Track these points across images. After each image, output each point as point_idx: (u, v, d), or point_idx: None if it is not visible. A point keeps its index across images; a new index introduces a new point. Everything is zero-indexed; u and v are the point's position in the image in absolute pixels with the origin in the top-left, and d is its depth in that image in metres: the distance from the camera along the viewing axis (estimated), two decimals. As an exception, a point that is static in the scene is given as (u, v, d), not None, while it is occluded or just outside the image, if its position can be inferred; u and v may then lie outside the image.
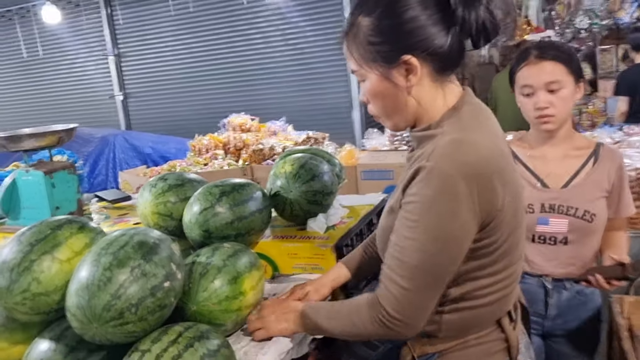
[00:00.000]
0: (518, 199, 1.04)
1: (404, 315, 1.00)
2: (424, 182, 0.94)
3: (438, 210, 0.93)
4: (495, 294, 1.06)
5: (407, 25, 0.98)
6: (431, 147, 0.96)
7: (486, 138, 0.99)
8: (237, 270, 1.19)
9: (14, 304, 1.05)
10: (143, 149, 4.56)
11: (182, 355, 0.96)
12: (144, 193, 1.50)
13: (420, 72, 1.00)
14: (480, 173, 0.93)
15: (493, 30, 0.98)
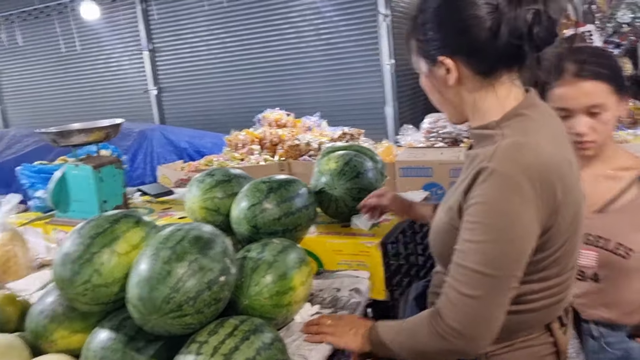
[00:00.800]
0: (578, 207, 1.00)
1: (464, 327, 0.93)
2: (486, 183, 0.92)
3: (500, 211, 0.91)
4: (546, 300, 1.03)
5: (447, 27, 0.99)
6: (492, 148, 0.95)
7: (549, 143, 0.96)
8: (287, 266, 1.21)
9: (75, 294, 1.09)
10: (179, 144, 4.64)
11: (239, 347, 0.98)
12: (191, 188, 1.53)
13: (458, 73, 1.00)
14: (542, 176, 0.91)
15: (549, 32, 0.95)
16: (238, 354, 0.98)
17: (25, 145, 4.81)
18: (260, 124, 3.97)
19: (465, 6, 0.97)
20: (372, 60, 6.08)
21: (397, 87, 6.09)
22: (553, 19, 0.94)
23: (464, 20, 0.97)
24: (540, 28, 0.94)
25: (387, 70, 5.98)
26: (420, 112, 6.46)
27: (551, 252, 0.98)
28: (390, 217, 1.65)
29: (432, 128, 3.70)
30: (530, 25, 0.93)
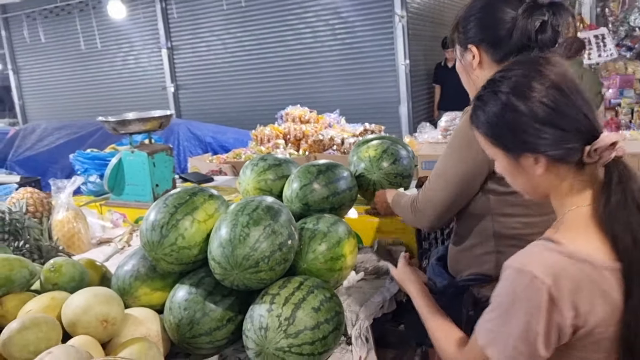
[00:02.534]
0: None
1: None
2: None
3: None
4: None
5: (478, 24, 1.32)
6: None
7: None
8: (339, 236, 1.40)
9: (163, 255, 1.27)
10: (204, 138, 4.84)
11: (306, 298, 1.17)
12: (246, 171, 1.72)
13: (480, 58, 1.31)
14: None
15: (551, 38, 1.24)
16: (306, 304, 1.16)
17: (57, 137, 5.03)
18: (283, 119, 4.15)
19: (495, 11, 1.29)
20: (387, 61, 6.26)
21: (412, 86, 6.26)
22: (556, 29, 1.22)
23: (491, 20, 1.29)
24: (545, 35, 1.23)
25: (402, 70, 6.15)
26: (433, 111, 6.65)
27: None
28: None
29: (449, 126, 3.88)
30: (537, 31, 1.23)
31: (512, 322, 0.89)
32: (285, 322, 1.13)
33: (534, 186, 0.98)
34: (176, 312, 1.25)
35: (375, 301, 1.35)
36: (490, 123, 0.97)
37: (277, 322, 1.13)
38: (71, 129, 5.34)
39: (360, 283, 1.46)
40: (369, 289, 1.41)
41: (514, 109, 0.92)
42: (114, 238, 2.08)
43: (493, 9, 1.30)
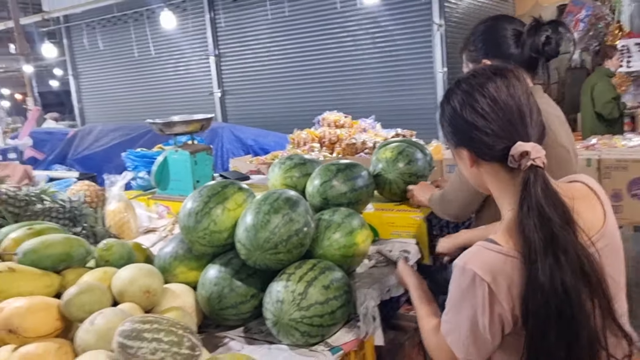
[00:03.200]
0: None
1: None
2: None
3: None
4: None
5: (489, 41, 1.59)
6: None
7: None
8: (352, 227, 1.56)
9: (197, 238, 1.48)
10: (246, 141, 5.11)
11: (318, 277, 1.34)
12: (274, 169, 1.91)
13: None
14: None
15: (554, 50, 1.47)
16: (317, 282, 1.34)
17: (111, 138, 5.42)
18: (319, 124, 4.35)
19: (500, 31, 1.57)
20: (425, 68, 6.37)
21: (449, 94, 6.34)
22: (557, 41, 1.41)
23: (498, 38, 1.55)
24: (549, 47, 1.44)
25: (440, 77, 6.24)
26: (472, 118, 6.67)
27: None
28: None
29: (481, 132, 3.96)
30: (543, 44, 1.44)
31: (462, 314, 1.03)
32: (298, 297, 1.31)
33: (472, 177, 1.16)
34: (207, 287, 1.44)
35: (383, 284, 1.51)
36: (443, 119, 1.16)
37: (291, 297, 1.31)
38: (124, 131, 5.75)
39: (371, 270, 1.62)
40: (379, 274, 1.57)
41: (454, 111, 1.10)
42: (159, 227, 2.31)
43: (502, 28, 1.57)
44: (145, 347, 1.04)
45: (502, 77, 1.07)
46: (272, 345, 1.37)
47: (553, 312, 0.96)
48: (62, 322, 1.31)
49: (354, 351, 1.41)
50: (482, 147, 1.06)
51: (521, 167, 1.02)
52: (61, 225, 1.89)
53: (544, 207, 0.98)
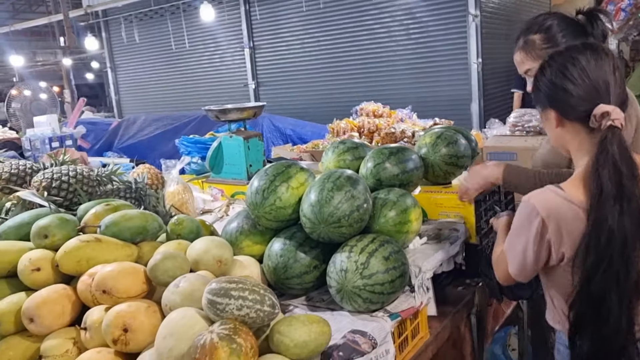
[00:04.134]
0: None
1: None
2: None
3: None
4: None
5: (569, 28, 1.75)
6: None
7: None
8: (407, 205, 1.66)
9: (263, 213, 1.60)
10: (285, 131, 5.26)
11: (378, 249, 1.45)
12: (328, 152, 2.02)
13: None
14: None
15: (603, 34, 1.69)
16: (378, 253, 1.45)
17: (155, 128, 5.63)
18: (357, 114, 4.44)
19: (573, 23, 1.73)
20: (460, 59, 6.39)
21: (484, 85, 6.36)
22: (607, 28, 1.65)
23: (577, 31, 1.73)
24: (605, 33, 1.66)
25: (474, 68, 6.26)
26: (506, 110, 6.68)
27: None
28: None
29: (518, 122, 3.99)
30: (603, 32, 1.70)
31: (519, 238, 1.29)
32: (361, 266, 1.42)
33: (555, 138, 1.34)
34: (274, 259, 1.57)
35: (435, 258, 1.61)
36: (538, 84, 1.35)
37: (354, 266, 1.42)
38: (167, 121, 5.96)
39: (423, 246, 1.72)
40: (431, 250, 1.67)
41: (548, 77, 1.29)
42: (214, 209, 2.46)
43: (573, 21, 1.74)
44: (232, 303, 1.17)
45: (592, 51, 1.24)
46: (334, 311, 1.49)
47: (614, 251, 1.15)
48: (147, 285, 1.45)
49: (410, 320, 1.52)
50: (567, 108, 1.26)
51: (601, 126, 1.19)
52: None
53: (618, 161, 1.16)
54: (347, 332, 1.33)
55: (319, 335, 1.22)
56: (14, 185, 2.07)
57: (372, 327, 1.37)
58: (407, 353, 1.50)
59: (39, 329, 1.45)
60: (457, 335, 1.79)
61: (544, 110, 1.34)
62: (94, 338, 1.39)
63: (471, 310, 1.84)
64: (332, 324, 1.35)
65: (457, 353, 1.78)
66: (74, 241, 1.56)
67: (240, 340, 1.11)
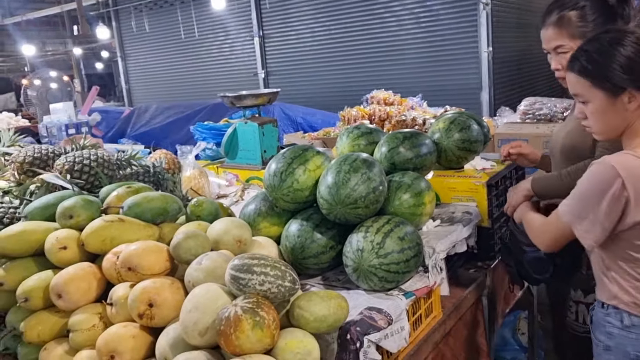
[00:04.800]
0: None
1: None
2: None
3: None
4: None
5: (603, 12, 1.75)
6: None
7: None
8: (421, 188, 1.70)
9: (281, 195, 1.64)
10: (296, 119, 5.30)
11: (394, 229, 1.49)
12: (342, 137, 2.06)
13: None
14: None
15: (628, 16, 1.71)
16: (393, 234, 1.49)
17: (167, 116, 5.69)
18: (368, 102, 4.47)
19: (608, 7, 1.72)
20: (470, 48, 6.37)
21: (494, 73, 6.34)
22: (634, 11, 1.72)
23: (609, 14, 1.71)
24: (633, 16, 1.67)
25: (485, 57, 6.24)
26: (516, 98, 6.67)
27: None
28: (495, 167, 2.10)
29: (529, 110, 4.02)
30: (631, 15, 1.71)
31: (591, 199, 1.31)
32: (377, 246, 1.46)
33: (621, 123, 1.36)
34: (291, 239, 1.61)
35: (448, 240, 1.65)
36: (612, 64, 1.34)
37: (370, 246, 1.47)
38: (178, 109, 6.02)
39: (437, 228, 1.76)
40: (444, 232, 1.71)
41: (628, 57, 1.33)
42: (229, 194, 2.51)
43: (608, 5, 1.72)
44: (255, 279, 1.22)
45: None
46: (350, 290, 1.53)
47: None
48: (170, 263, 1.51)
49: (423, 299, 1.56)
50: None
51: None
52: (149, 187, 2.09)
53: None
54: (364, 309, 1.38)
55: (338, 309, 1.27)
56: (37, 169, 2.12)
57: (388, 305, 1.41)
58: (420, 331, 1.55)
59: (67, 304, 1.51)
60: (469, 316, 1.83)
61: (614, 90, 1.33)
62: (119, 313, 1.44)
63: (483, 292, 1.88)
64: (350, 302, 1.39)
65: (469, 334, 1.82)
66: (99, 221, 1.61)
67: (263, 314, 1.16)
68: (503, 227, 2.03)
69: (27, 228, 1.68)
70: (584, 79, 1.36)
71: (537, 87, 7.39)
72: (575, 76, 1.39)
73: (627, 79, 1.31)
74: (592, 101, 1.37)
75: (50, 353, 1.51)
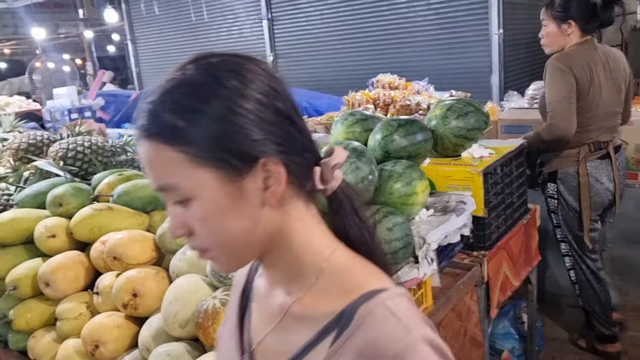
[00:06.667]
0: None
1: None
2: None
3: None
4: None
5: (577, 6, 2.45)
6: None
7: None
8: (413, 177, 1.67)
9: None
10: (301, 103, 5.23)
11: (382, 220, 1.47)
12: (337, 124, 2.03)
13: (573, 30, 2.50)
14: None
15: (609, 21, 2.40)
16: (381, 224, 1.46)
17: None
18: (373, 86, 4.40)
19: (586, 3, 2.43)
20: (480, 30, 6.24)
21: (505, 56, 6.22)
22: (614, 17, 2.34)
23: (584, 9, 2.43)
24: (610, 20, 2.29)
25: (495, 40, 6.11)
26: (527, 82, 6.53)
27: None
28: (493, 154, 2.05)
29: (536, 94, 3.93)
30: (609, 17, 2.29)
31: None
32: (364, 237, 1.44)
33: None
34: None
35: (440, 230, 1.62)
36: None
37: (357, 236, 1.44)
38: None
39: (429, 218, 1.73)
40: (437, 222, 1.68)
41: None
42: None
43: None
44: (235, 270, 1.20)
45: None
46: (338, 281, 1.51)
47: None
48: (156, 253, 1.50)
49: (414, 290, 1.54)
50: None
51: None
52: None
53: None
54: (349, 301, 1.36)
55: (320, 302, 1.25)
56: (32, 155, 2.13)
57: (374, 296, 1.39)
58: (409, 322, 1.53)
59: (54, 293, 1.51)
60: (462, 306, 1.81)
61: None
62: (105, 302, 1.44)
63: (477, 282, 1.85)
64: (335, 293, 1.38)
65: (462, 324, 1.80)
66: (87, 209, 1.61)
67: (242, 306, 1.15)
68: (500, 216, 1.99)
69: (18, 216, 1.69)
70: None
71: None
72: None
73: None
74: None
75: (39, 341, 1.52)
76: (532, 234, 2.34)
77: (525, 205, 2.30)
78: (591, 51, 2.46)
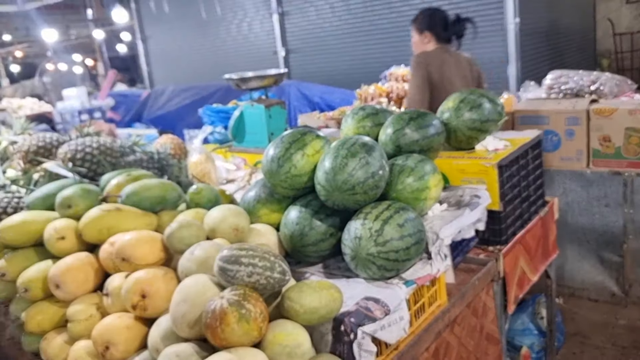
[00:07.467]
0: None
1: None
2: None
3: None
4: None
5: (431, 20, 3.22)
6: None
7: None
8: (425, 171, 1.63)
9: (279, 182, 1.59)
10: (313, 98, 5.20)
11: (393, 216, 1.43)
12: (347, 119, 1.99)
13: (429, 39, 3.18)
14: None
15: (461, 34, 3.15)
16: (392, 220, 1.42)
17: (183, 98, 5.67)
18: (386, 79, 4.35)
19: (437, 16, 3.26)
20: (496, 20, 6.13)
21: (522, 46, 6.10)
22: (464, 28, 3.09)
23: (436, 21, 3.26)
24: (461, 33, 3.09)
25: (512, 29, 6.00)
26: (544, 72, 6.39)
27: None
28: (508, 146, 2.00)
29: (554, 84, 3.84)
30: (459, 30, 3.10)
31: None
32: (375, 233, 1.41)
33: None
34: (290, 226, 1.57)
35: (453, 225, 1.58)
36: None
37: (368, 233, 1.41)
38: (194, 90, 5.99)
39: (442, 213, 1.68)
40: (450, 217, 1.64)
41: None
42: (237, 178, 2.47)
43: (439, 16, 3.23)
44: (243, 270, 1.18)
45: None
46: (349, 279, 1.49)
47: None
48: (165, 253, 1.48)
49: (427, 287, 1.50)
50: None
51: None
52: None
53: None
54: (360, 299, 1.33)
55: (330, 301, 1.22)
56: (41, 157, 2.12)
57: (386, 294, 1.36)
58: (423, 320, 1.49)
59: (64, 294, 1.50)
60: (478, 302, 1.77)
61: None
62: (115, 304, 1.43)
63: (494, 278, 1.81)
64: (347, 291, 1.35)
65: (478, 320, 1.76)
66: (96, 210, 1.60)
67: (250, 306, 1.13)
68: (516, 210, 1.95)
69: (28, 218, 1.68)
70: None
71: (566, 59, 7.09)
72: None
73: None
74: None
75: (50, 343, 1.52)
76: (550, 227, 2.29)
77: (543, 198, 2.24)
78: (443, 54, 3.17)
